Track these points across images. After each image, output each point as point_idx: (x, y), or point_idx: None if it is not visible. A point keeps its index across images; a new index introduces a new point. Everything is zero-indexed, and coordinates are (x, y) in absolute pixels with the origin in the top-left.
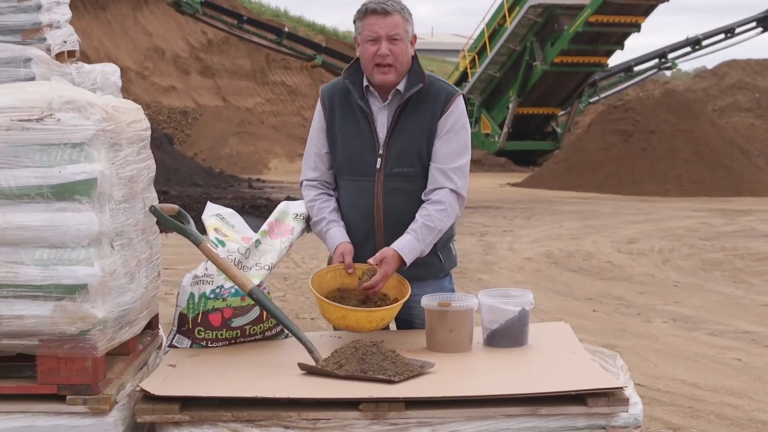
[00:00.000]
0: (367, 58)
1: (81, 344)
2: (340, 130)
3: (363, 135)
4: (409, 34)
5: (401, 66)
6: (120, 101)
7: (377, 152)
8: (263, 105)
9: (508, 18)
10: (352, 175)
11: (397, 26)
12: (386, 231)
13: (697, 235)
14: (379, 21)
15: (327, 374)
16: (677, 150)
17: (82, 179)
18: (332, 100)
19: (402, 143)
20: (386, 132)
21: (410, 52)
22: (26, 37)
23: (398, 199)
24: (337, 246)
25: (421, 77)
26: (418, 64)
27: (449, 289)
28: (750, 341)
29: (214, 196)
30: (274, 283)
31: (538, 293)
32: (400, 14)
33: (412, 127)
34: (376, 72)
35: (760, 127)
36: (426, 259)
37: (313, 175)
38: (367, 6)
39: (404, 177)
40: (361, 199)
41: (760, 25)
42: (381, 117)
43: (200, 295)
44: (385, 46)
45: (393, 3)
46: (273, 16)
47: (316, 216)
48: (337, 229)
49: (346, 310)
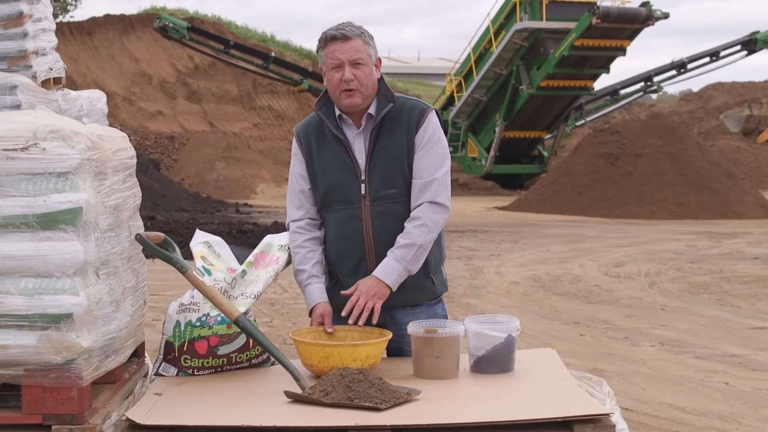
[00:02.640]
0: (334, 85)
1: (66, 374)
2: (319, 163)
3: (343, 163)
4: (372, 58)
5: (366, 89)
6: (105, 129)
7: (359, 178)
8: (250, 130)
9: (494, 42)
10: (339, 204)
11: (358, 50)
12: (377, 256)
13: (684, 258)
14: (340, 47)
15: (313, 402)
16: (663, 173)
17: (67, 208)
18: (307, 136)
19: (383, 165)
20: (365, 157)
21: (375, 75)
22: (12, 65)
23: (387, 222)
24: (316, 306)
25: (390, 97)
26: (385, 86)
27: (442, 315)
28: (737, 365)
29: (201, 221)
30: (261, 308)
31: (525, 317)
32: (360, 38)
33: (390, 148)
34: (343, 97)
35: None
36: (418, 283)
37: (298, 214)
38: (327, 34)
39: (390, 199)
40: (350, 227)
41: (744, 49)
42: (358, 143)
43: (186, 323)
44: (348, 71)
45: (352, 28)
46: (260, 41)
47: (299, 264)
48: (316, 286)
49: (329, 348)
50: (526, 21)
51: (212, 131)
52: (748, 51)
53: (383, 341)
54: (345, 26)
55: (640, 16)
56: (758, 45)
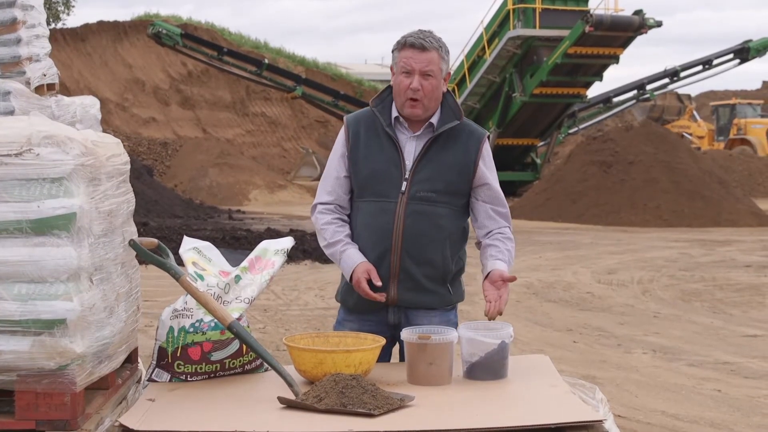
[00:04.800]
0: (401, 89)
1: (60, 379)
2: (364, 150)
3: (390, 156)
4: (443, 71)
5: (429, 102)
6: (99, 135)
7: (403, 175)
8: (243, 136)
9: (488, 49)
10: (374, 196)
11: (432, 62)
12: (402, 252)
13: (677, 266)
14: (415, 55)
15: (307, 408)
16: (656, 180)
17: (61, 214)
18: (357, 127)
19: (430, 171)
20: (413, 160)
21: (442, 88)
22: (5, 71)
23: (418, 222)
24: (358, 264)
25: (458, 115)
26: (454, 101)
27: (454, 322)
28: (730, 372)
29: (194, 228)
30: (255, 315)
31: (518, 324)
32: (437, 51)
33: (443, 159)
34: (407, 105)
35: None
36: (436, 288)
37: (328, 198)
38: (407, 39)
39: (427, 201)
40: (380, 220)
41: (737, 57)
42: (409, 146)
43: (179, 329)
44: (417, 80)
45: (432, 39)
46: (253, 48)
47: (331, 238)
48: (354, 250)
49: (323, 354)
50: (520, 29)
51: (205, 138)
52: (740, 60)
53: (377, 347)
54: (426, 36)
55: (633, 24)
56: (751, 54)
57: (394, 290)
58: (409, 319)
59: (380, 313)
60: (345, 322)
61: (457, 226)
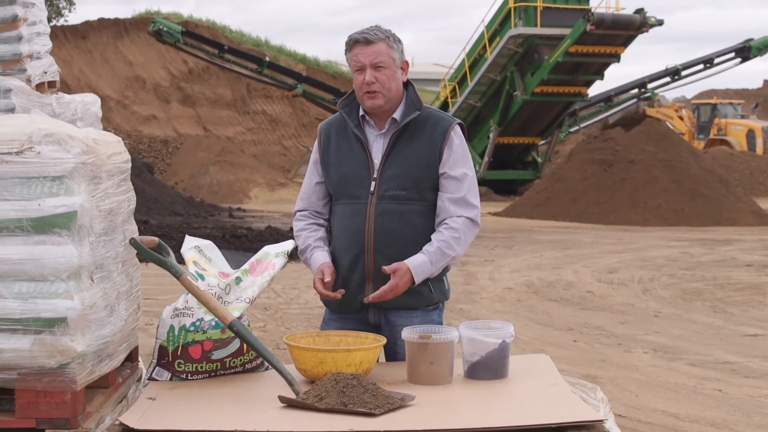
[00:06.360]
0: (357, 86)
1: (60, 378)
2: (334, 155)
3: (358, 159)
4: (397, 61)
5: (389, 92)
6: (100, 133)
7: (371, 176)
8: (244, 134)
9: (489, 48)
10: (347, 198)
11: (380, 53)
12: (375, 252)
13: (677, 265)
14: (363, 50)
15: (307, 407)
16: (657, 179)
17: (61, 212)
18: (328, 132)
19: (397, 168)
20: (381, 157)
21: (401, 78)
22: (6, 68)
23: (389, 221)
24: (319, 265)
25: (418, 105)
26: (415, 93)
27: (437, 322)
28: (730, 371)
29: (195, 226)
30: (255, 313)
31: (518, 323)
32: (385, 42)
33: (409, 154)
34: (366, 98)
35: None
36: (415, 288)
37: (302, 205)
38: (352, 37)
39: (397, 200)
40: (353, 222)
41: (738, 56)
42: (377, 144)
43: (180, 328)
44: (369, 73)
45: (376, 32)
46: (254, 45)
47: (302, 245)
48: (319, 253)
49: (323, 353)
50: (521, 27)
51: (206, 135)
52: (742, 58)
53: (377, 346)
54: (369, 30)
55: (634, 22)
56: (752, 52)
57: (371, 291)
58: (389, 319)
59: (360, 313)
60: (330, 321)
61: (431, 222)
